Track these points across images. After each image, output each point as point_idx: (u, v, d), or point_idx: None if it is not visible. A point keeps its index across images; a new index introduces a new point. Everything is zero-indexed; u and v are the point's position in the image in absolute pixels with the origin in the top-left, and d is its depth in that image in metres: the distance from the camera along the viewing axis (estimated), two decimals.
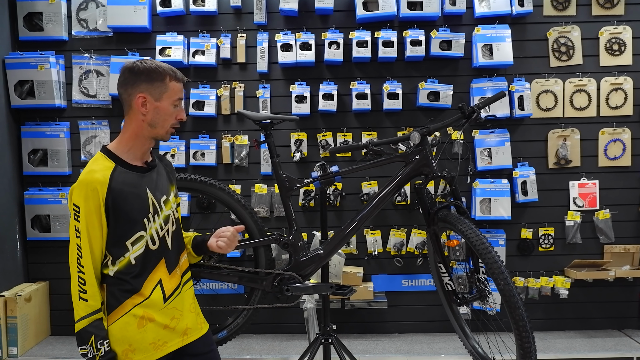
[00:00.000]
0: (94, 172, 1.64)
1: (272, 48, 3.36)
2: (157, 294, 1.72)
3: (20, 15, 3.33)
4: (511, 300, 1.95)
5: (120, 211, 1.65)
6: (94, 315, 1.63)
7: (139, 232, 1.68)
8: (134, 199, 1.68)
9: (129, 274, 1.68)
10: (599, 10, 3.35)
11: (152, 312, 1.70)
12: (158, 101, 1.70)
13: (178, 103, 1.74)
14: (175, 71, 1.74)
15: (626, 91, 3.34)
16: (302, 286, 2.38)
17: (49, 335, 3.45)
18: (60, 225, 3.36)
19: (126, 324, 1.67)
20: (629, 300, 3.41)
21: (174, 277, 1.78)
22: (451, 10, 3.27)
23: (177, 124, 1.77)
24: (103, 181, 1.63)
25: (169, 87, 1.71)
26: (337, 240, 2.42)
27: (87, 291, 1.62)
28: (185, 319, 1.80)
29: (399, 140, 2.52)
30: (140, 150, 1.74)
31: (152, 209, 1.72)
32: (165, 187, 1.80)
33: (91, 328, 1.62)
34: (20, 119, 3.40)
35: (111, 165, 1.68)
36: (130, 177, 1.69)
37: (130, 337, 1.67)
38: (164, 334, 1.73)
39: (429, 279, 3.38)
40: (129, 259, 1.67)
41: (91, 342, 1.62)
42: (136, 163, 1.73)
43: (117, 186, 1.64)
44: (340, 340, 2.57)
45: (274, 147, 2.46)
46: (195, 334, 1.84)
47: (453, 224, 2.20)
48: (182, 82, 1.75)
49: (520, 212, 3.38)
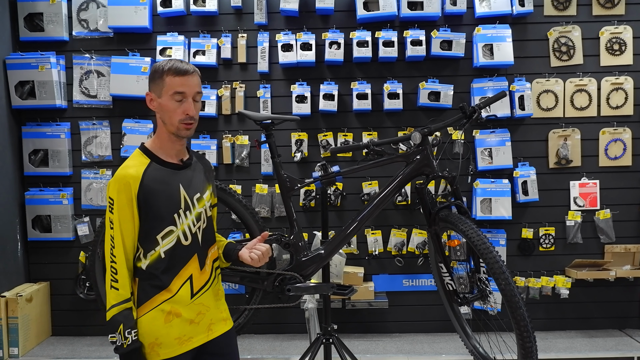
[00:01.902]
0: (129, 168, 1.70)
1: (272, 48, 3.36)
2: (184, 290, 1.75)
3: (21, 15, 3.33)
4: (512, 300, 1.95)
5: (151, 205, 1.70)
6: (124, 305, 1.67)
7: (169, 226, 1.72)
8: (165, 194, 1.72)
9: (158, 268, 1.72)
10: (599, 10, 3.36)
11: (179, 308, 1.74)
12: (160, 97, 1.74)
13: (180, 97, 1.72)
14: (175, 66, 1.71)
15: (627, 91, 3.34)
16: (303, 286, 2.38)
17: (50, 335, 3.46)
18: (61, 226, 3.36)
19: (154, 319, 1.71)
20: (629, 300, 3.41)
21: (204, 273, 1.81)
22: (452, 10, 3.27)
23: (187, 119, 1.74)
24: (136, 176, 1.68)
25: (166, 83, 1.71)
26: (338, 240, 2.42)
27: (118, 280, 1.67)
28: (211, 314, 1.83)
29: (399, 140, 2.52)
30: (171, 147, 1.78)
31: (184, 205, 1.75)
32: (200, 185, 1.83)
33: (120, 317, 1.66)
34: (21, 119, 3.41)
35: (146, 161, 1.74)
36: (163, 173, 1.74)
37: (156, 331, 1.71)
38: (190, 329, 1.76)
39: (430, 278, 3.38)
40: (159, 253, 1.72)
41: (120, 330, 1.66)
42: (171, 160, 1.78)
43: (149, 181, 1.70)
44: (341, 340, 2.57)
45: (275, 147, 2.46)
46: (219, 330, 1.86)
47: (454, 223, 2.20)
48: (181, 76, 1.71)
49: (521, 212, 3.38)
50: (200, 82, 1.80)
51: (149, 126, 3.37)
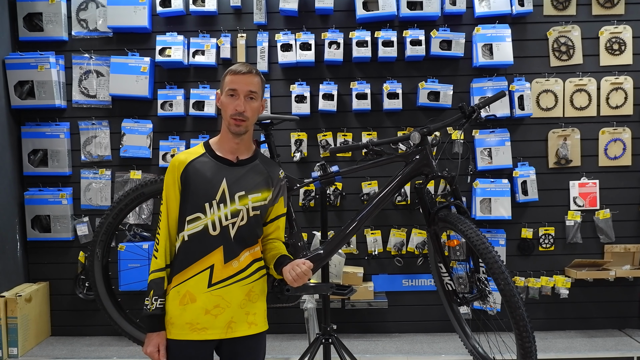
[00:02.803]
0: (182, 154, 1.89)
1: (272, 48, 3.36)
2: (201, 278, 1.81)
3: (20, 15, 3.33)
4: (511, 300, 1.94)
5: (188, 190, 1.83)
6: (159, 273, 1.83)
7: (197, 212, 1.82)
8: (203, 183, 1.83)
9: (182, 249, 1.83)
10: (599, 9, 3.35)
11: (194, 293, 1.81)
12: (222, 95, 1.89)
13: (233, 93, 1.84)
14: (235, 67, 1.87)
15: (626, 91, 3.33)
16: (302, 286, 2.37)
17: (50, 335, 3.45)
18: (60, 226, 3.36)
19: (172, 298, 1.82)
20: (629, 300, 3.41)
21: (228, 268, 1.83)
22: (451, 10, 3.27)
23: (236, 114, 1.84)
24: (184, 161, 1.85)
25: (226, 81, 1.87)
26: (338, 240, 2.41)
27: (158, 250, 1.84)
28: (233, 311, 1.83)
29: (399, 140, 2.52)
30: (227, 144, 1.89)
31: (220, 197, 1.83)
32: (249, 186, 1.88)
33: (153, 283, 1.82)
34: (21, 119, 3.40)
35: (201, 151, 1.89)
36: (210, 165, 1.86)
37: (171, 310, 1.82)
38: (205, 320, 1.80)
39: (430, 278, 3.38)
40: (184, 236, 1.83)
41: (150, 295, 1.82)
42: (224, 155, 1.89)
43: (193, 168, 1.84)
44: (340, 340, 2.57)
45: (274, 147, 2.46)
46: (241, 331, 1.85)
47: (453, 223, 2.20)
48: (237, 75, 1.84)
49: (520, 212, 3.37)
50: (259, 83, 1.89)
51: (149, 126, 3.37)
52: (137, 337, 2.45)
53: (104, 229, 2.47)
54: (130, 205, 2.48)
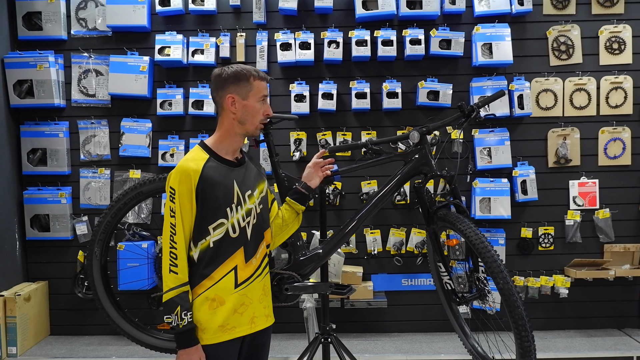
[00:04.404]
0: (190, 161, 1.82)
1: (271, 47, 3.35)
2: (228, 280, 1.84)
3: (20, 14, 3.33)
4: (510, 300, 1.94)
5: (208, 198, 1.81)
6: (182, 288, 1.78)
7: (220, 218, 1.83)
8: (221, 188, 1.83)
9: (206, 256, 1.82)
10: (598, 9, 3.35)
11: (223, 296, 1.83)
12: (245, 100, 1.87)
13: (264, 99, 1.91)
14: (258, 71, 1.90)
15: (626, 90, 3.33)
16: (302, 285, 2.37)
17: (49, 334, 3.45)
18: (59, 225, 3.36)
19: (200, 305, 1.81)
20: (629, 299, 3.41)
21: (249, 266, 1.89)
22: (451, 9, 3.26)
23: (265, 119, 1.94)
24: (196, 169, 1.80)
25: (254, 86, 1.88)
26: (337, 240, 2.41)
27: (177, 265, 1.78)
28: (254, 307, 1.90)
29: (398, 139, 2.52)
30: (231, 146, 1.91)
31: (236, 200, 1.86)
32: (251, 183, 1.93)
33: (178, 299, 1.77)
34: (20, 118, 3.40)
35: (205, 156, 1.85)
36: (221, 169, 1.85)
37: (201, 317, 1.81)
38: (234, 319, 1.85)
39: (429, 278, 3.38)
40: (209, 242, 1.82)
41: (177, 311, 1.77)
42: (228, 157, 1.90)
43: (208, 175, 1.81)
44: (339, 339, 2.57)
45: (273, 146, 2.45)
46: (261, 324, 1.94)
47: (452, 223, 2.19)
48: (265, 80, 1.91)
49: (520, 211, 3.37)
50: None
51: (148, 125, 3.37)
52: (135, 336, 2.44)
53: (103, 228, 2.47)
54: (129, 204, 2.47)
